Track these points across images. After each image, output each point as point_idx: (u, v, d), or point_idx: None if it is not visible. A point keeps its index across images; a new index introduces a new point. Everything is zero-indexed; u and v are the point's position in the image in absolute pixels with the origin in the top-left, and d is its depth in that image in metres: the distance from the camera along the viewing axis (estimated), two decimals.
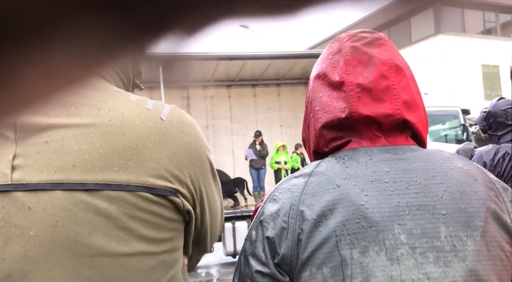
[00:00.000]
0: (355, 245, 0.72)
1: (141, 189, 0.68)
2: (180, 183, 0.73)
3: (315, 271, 0.73)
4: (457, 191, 0.77)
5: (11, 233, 0.64)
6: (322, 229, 0.74)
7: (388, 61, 0.84)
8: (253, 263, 0.78)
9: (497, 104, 2.89)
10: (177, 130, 0.75)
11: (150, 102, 0.76)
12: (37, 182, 0.65)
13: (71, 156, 0.66)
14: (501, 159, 2.75)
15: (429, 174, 0.79)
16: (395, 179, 0.78)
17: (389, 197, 0.75)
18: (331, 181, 0.78)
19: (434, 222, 0.74)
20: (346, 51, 0.85)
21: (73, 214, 0.65)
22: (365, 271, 0.71)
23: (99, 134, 0.68)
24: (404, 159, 0.81)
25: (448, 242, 0.73)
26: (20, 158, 0.66)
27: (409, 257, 0.72)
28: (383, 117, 0.81)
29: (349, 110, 0.82)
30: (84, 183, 0.66)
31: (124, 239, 0.67)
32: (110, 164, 0.67)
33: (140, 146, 0.70)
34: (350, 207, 0.74)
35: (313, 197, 0.77)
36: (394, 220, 0.74)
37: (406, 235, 0.73)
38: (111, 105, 0.71)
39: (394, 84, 0.82)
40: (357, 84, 0.82)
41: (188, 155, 0.75)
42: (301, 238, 0.75)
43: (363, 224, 0.73)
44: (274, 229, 0.77)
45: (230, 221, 7.91)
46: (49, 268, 0.64)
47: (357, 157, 0.81)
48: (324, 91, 0.86)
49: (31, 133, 0.67)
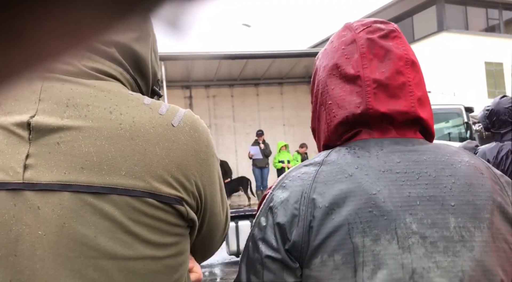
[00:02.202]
0: (367, 233, 0.73)
1: (147, 195, 0.68)
2: (186, 191, 0.72)
3: (326, 258, 0.74)
4: (465, 184, 0.78)
5: (21, 230, 0.64)
6: (334, 216, 0.74)
7: (404, 56, 0.83)
8: (263, 248, 0.78)
9: (500, 102, 2.88)
10: (188, 138, 0.74)
11: (164, 107, 0.75)
12: (46, 182, 0.65)
13: (80, 157, 0.67)
14: (504, 157, 2.75)
15: (439, 166, 0.80)
16: (406, 169, 0.78)
17: (401, 187, 0.76)
18: (343, 170, 0.78)
19: (444, 213, 0.75)
20: (361, 43, 0.83)
21: (79, 216, 0.65)
22: (376, 259, 0.72)
23: (109, 137, 0.68)
24: (414, 150, 0.81)
25: (457, 233, 0.74)
26: (32, 157, 0.66)
27: (420, 246, 0.73)
28: (398, 114, 0.82)
29: (365, 107, 0.81)
30: (91, 185, 0.66)
31: (129, 243, 0.67)
32: (117, 168, 0.67)
33: (148, 151, 0.69)
34: (363, 196, 0.75)
35: (325, 185, 0.77)
36: (405, 210, 0.75)
37: (417, 225, 0.74)
38: (123, 109, 0.71)
39: (409, 80, 0.82)
40: (373, 79, 0.81)
41: (197, 163, 0.74)
42: (312, 225, 0.75)
43: (375, 212, 0.74)
44: (285, 216, 0.77)
45: (233, 220, 7.92)
46: (55, 268, 0.64)
47: (368, 147, 0.81)
48: (336, 84, 0.85)
49: (44, 133, 0.67)
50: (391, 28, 0.85)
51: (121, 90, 0.74)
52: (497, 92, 18.87)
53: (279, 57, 9.08)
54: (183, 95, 10.37)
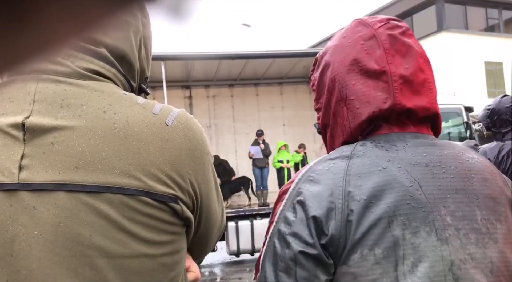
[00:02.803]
0: (407, 226, 0.73)
1: (141, 193, 0.68)
2: (181, 189, 0.73)
3: (367, 252, 0.72)
4: (482, 178, 0.81)
5: (17, 231, 0.65)
6: (373, 209, 0.73)
7: (423, 54, 0.85)
8: (295, 244, 0.75)
9: (501, 102, 2.88)
10: (182, 136, 0.75)
11: (158, 107, 0.76)
12: (41, 182, 0.66)
13: (74, 157, 0.67)
14: (505, 156, 2.74)
15: (458, 160, 0.82)
16: (433, 163, 0.80)
17: (432, 180, 0.77)
18: (375, 162, 0.78)
19: (471, 206, 0.77)
20: (383, 38, 0.83)
21: (74, 215, 0.66)
22: (417, 252, 0.72)
23: (103, 137, 0.68)
24: (435, 145, 0.83)
25: (484, 225, 0.76)
26: (27, 158, 0.67)
27: (455, 238, 0.74)
28: (422, 110, 0.83)
29: (393, 102, 0.81)
30: (85, 185, 0.66)
31: (124, 241, 0.68)
32: (112, 167, 0.68)
33: (142, 150, 0.70)
34: (400, 189, 0.75)
35: (360, 178, 0.76)
36: (439, 202, 0.75)
37: (450, 217, 0.75)
38: (117, 109, 0.71)
39: (429, 77, 0.84)
40: (400, 75, 0.81)
41: (191, 162, 0.75)
42: (350, 218, 0.73)
43: (413, 205, 0.74)
44: (320, 209, 0.75)
45: (233, 220, 7.92)
46: (52, 267, 0.65)
47: (392, 141, 0.82)
48: (357, 79, 0.83)
49: (39, 134, 0.68)
50: (406, 26, 0.87)
51: (114, 90, 0.75)
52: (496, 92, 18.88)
53: (279, 57, 9.08)
54: (183, 95, 10.37)
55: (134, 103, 0.74)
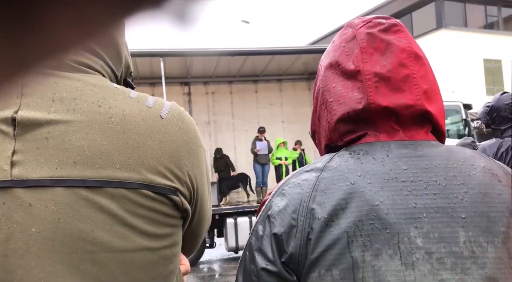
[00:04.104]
0: (367, 247, 0.69)
1: (142, 186, 0.68)
2: (180, 181, 0.73)
3: (324, 273, 0.70)
4: (479, 193, 0.73)
5: (12, 229, 0.63)
6: (333, 229, 0.70)
7: (407, 49, 0.80)
8: (259, 260, 0.75)
9: (500, 99, 2.88)
10: (177, 129, 0.75)
11: (151, 100, 0.76)
12: (37, 178, 0.64)
13: (71, 152, 0.66)
14: (504, 153, 2.75)
15: (450, 174, 0.74)
16: (413, 178, 0.73)
17: (406, 197, 0.71)
18: (344, 177, 0.74)
19: (453, 226, 0.70)
20: (361, 38, 0.81)
21: (75, 211, 0.65)
22: (377, 275, 0.68)
23: (100, 131, 0.68)
24: (424, 156, 0.76)
25: (467, 248, 0.69)
26: (19, 154, 0.65)
27: (425, 262, 0.68)
28: (403, 108, 0.77)
29: (367, 101, 0.77)
30: (85, 180, 0.66)
31: (126, 235, 0.67)
32: (111, 161, 0.67)
33: (141, 144, 0.70)
34: (364, 207, 0.70)
35: (325, 194, 0.73)
36: (410, 223, 0.70)
37: (422, 239, 0.69)
38: (111, 103, 0.71)
39: (413, 73, 0.78)
40: (374, 73, 0.78)
41: (187, 154, 0.75)
42: (310, 237, 0.71)
43: (377, 225, 0.69)
44: (282, 226, 0.74)
45: (232, 216, 7.93)
46: (52, 264, 0.64)
47: (373, 152, 0.77)
48: (338, 81, 0.82)
49: (31, 129, 0.66)
50: (392, 22, 0.82)
51: (105, 83, 0.74)
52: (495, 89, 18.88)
53: (278, 54, 9.07)
54: (182, 91, 10.35)
55: (128, 97, 0.74)
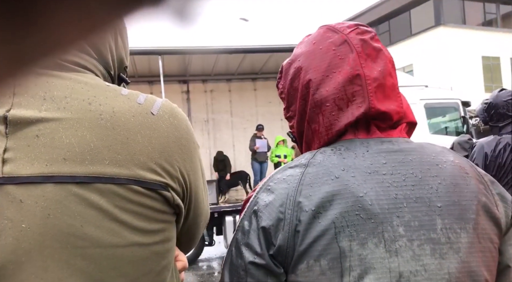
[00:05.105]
0: (354, 237, 0.72)
1: (132, 182, 0.69)
2: (171, 177, 0.73)
3: (313, 263, 0.73)
4: (451, 184, 0.79)
5: (3, 225, 0.64)
6: (320, 220, 0.73)
7: (391, 59, 0.86)
8: (247, 254, 0.77)
9: (498, 96, 2.88)
10: (168, 125, 0.75)
11: (142, 97, 0.76)
12: (28, 175, 0.65)
13: (61, 149, 0.67)
14: (502, 150, 2.75)
15: (424, 167, 0.80)
16: (392, 171, 0.78)
17: (387, 189, 0.76)
18: (329, 172, 0.77)
19: (431, 214, 0.75)
20: (355, 43, 0.83)
21: (64, 207, 0.66)
22: (363, 263, 0.71)
23: (90, 128, 0.69)
24: (400, 151, 0.81)
25: (444, 234, 0.75)
26: (11, 151, 0.66)
27: (407, 249, 0.73)
28: (394, 113, 0.83)
29: (368, 106, 0.81)
30: (75, 176, 0.66)
31: (116, 231, 0.68)
32: (101, 157, 0.68)
33: (130, 140, 0.70)
34: (350, 199, 0.74)
35: (311, 187, 0.76)
36: (392, 212, 0.74)
37: (404, 227, 0.74)
38: (102, 100, 0.72)
39: (395, 83, 0.85)
40: (374, 78, 0.81)
41: (179, 149, 0.76)
42: (298, 229, 0.74)
43: (362, 216, 0.73)
44: (270, 219, 0.76)
45: (231, 214, 7.93)
46: (42, 259, 0.65)
47: (353, 148, 0.81)
48: (331, 84, 0.83)
49: (22, 127, 0.67)
50: (374, 31, 0.87)
51: (97, 82, 0.75)
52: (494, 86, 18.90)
53: (276, 51, 9.04)
54: (180, 89, 10.34)
55: (119, 95, 0.74)
